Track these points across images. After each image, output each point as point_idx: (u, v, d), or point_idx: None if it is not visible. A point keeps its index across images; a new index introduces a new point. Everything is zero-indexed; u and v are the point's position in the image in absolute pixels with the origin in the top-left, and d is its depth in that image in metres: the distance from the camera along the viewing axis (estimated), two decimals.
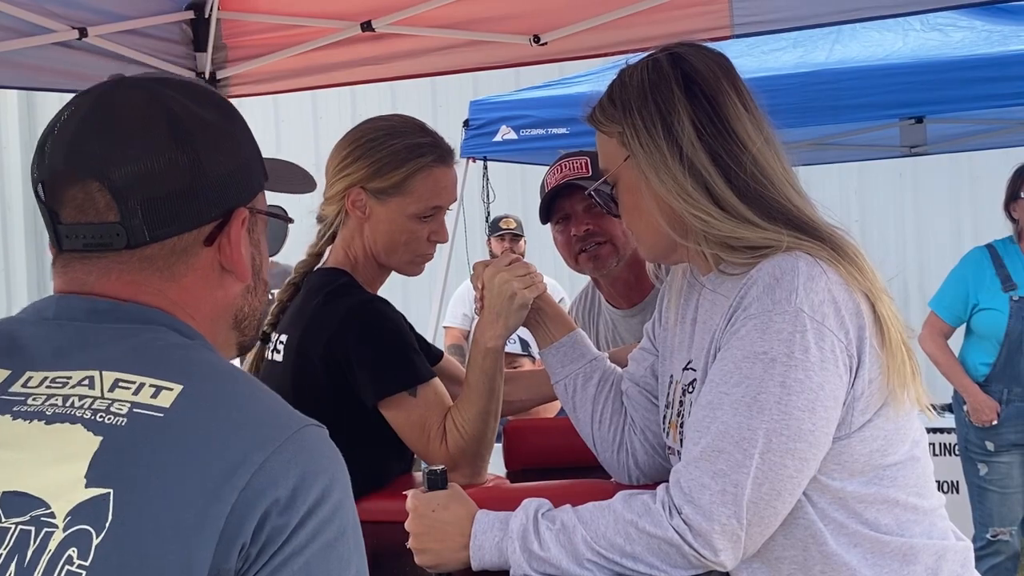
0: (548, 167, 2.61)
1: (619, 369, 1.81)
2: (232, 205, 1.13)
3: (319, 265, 2.11)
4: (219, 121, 1.14)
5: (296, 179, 1.45)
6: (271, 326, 2.09)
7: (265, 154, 1.21)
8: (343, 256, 2.06)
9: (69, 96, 1.18)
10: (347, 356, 1.89)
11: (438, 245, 2.07)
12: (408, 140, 2.00)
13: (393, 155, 1.98)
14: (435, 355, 2.27)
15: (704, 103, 1.50)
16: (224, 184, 1.12)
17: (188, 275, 1.11)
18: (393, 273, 2.12)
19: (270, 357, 2.05)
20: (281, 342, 2.02)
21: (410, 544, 1.49)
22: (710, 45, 1.62)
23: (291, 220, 1.32)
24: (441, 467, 1.53)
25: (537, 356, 4.73)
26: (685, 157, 1.47)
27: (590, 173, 2.43)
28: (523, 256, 4.34)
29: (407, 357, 1.91)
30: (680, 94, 1.50)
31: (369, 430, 1.91)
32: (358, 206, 2.00)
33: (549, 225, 2.61)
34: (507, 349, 3.72)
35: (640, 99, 1.53)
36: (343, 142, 2.05)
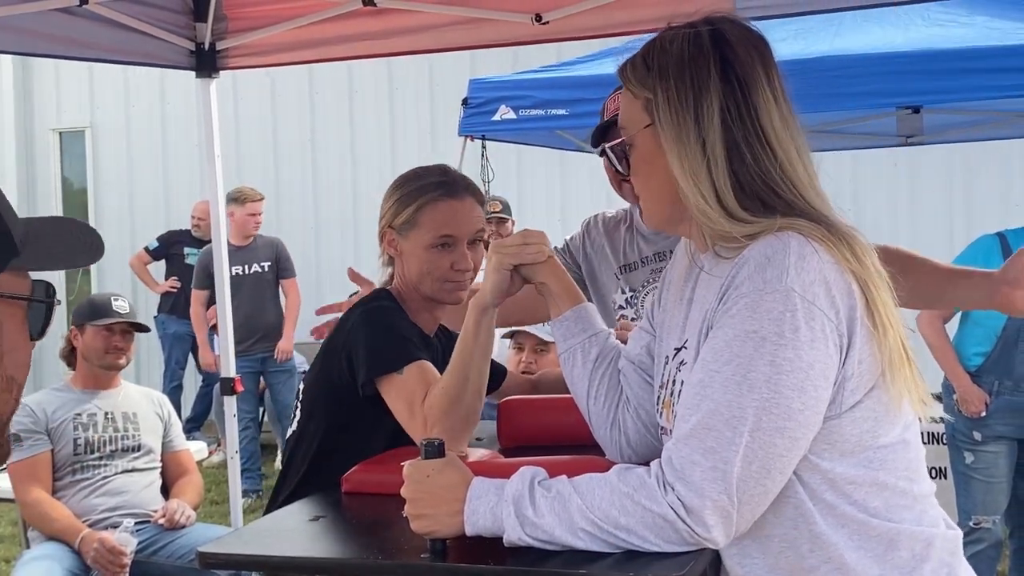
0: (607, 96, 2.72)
1: (621, 346, 1.81)
2: None
3: None
4: None
5: (76, 248, 1.11)
6: None
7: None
8: (393, 285, 2.27)
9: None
10: (350, 346, 2.07)
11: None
12: (424, 181, 2.21)
13: (408, 194, 2.20)
14: (499, 371, 2.44)
15: (736, 90, 1.49)
16: None
17: None
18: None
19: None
20: (322, 343, 2.23)
21: (405, 511, 1.48)
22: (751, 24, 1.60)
23: (54, 302, 1.11)
24: (439, 439, 1.53)
25: None
26: (706, 144, 1.47)
27: None
28: None
29: (398, 344, 2.05)
30: (716, 76, 1.49)
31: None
32: (392, 244, 2.23)
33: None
34: (541, 335, 3.76)
35: (676, 70, 1.51)
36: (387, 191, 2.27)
